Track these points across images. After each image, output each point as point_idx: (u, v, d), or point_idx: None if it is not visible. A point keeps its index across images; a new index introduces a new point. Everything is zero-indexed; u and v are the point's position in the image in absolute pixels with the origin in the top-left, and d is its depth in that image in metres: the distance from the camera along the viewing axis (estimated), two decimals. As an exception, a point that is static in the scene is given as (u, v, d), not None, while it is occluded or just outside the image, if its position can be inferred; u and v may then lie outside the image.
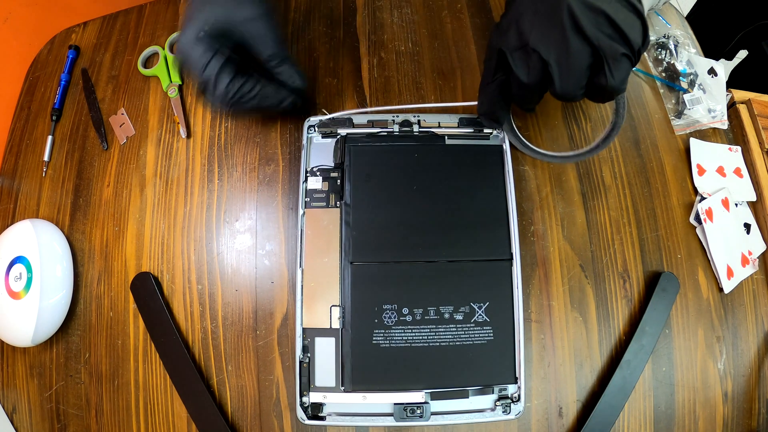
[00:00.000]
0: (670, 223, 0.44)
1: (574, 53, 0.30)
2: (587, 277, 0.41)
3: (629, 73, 0.31)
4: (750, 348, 0.42)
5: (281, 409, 0.38)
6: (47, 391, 0.40)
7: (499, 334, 0.38)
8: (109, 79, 0.49)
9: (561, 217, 0.43)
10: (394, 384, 0.37)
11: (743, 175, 0.46)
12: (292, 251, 0.41)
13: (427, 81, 0.47)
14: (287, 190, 0.43)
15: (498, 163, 0.41)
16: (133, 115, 0.47)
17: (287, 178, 0.43)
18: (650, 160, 0.45)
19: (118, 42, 0.50)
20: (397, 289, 0.38)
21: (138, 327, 0.40)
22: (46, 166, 0.46)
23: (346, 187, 0.41)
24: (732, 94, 0.49)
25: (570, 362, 0.39)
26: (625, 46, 0.30)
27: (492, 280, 0.39)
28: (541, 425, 0.38)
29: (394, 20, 0.49)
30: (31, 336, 0.38)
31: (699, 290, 0.42)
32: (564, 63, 0.30)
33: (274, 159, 0.44)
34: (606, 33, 0.29)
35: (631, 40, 0.30)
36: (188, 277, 0.41)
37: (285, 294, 0.40)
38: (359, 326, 0.37)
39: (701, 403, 0.40)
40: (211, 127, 0.45)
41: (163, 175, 0.44)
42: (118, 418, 0.39)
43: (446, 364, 0.37)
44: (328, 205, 0.40)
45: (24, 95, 0.50)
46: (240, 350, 0.39)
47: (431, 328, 0.37)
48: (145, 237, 0.43)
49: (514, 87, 0.34)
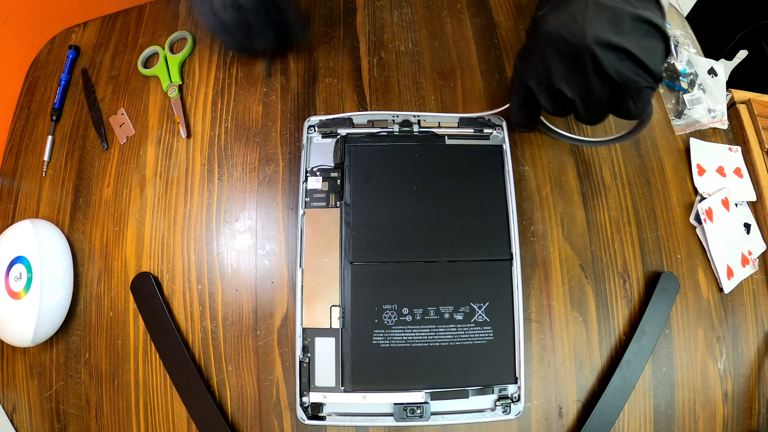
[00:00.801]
0: (670, 223, 0.44)
1: (596, 92, 0.31)
2: (587, 277, 0.41)
3: (652, 98, 0.32)
4: (750, 348, 0.42)
5: (281, 409, 0.38)
6: (47, 391, 0.40)
7: (499, 334, 0.38)
8: (109, 79, 0.49)
9: (561, 217, 0.43)
10: (394, 384, 0.37)
11: (743, 175, 0.46)
12: (292, 251, 0.41)
13: (427, 81, 0.47)
14: (287, 190, 0.43)
15: (498, 163, 0.41)
16: (133, 115, 0.47)
17: (287, 178, 0.43)
18: (650, 160, 0.45)
19: (118, 42, 0.50)
20: (397, 289, 0.38)
21: (138, 327, 0.40)
22: (46, 166, 0.46)
23: (346, 187, 0.41)
24: (732, 94, 0.49)
25: (570, 362, 0.39)
26: (646, 79, 0.30)
27: (492, 280, 0.39)
28: (541, 425, 0.38)
29: (394, 20, 0.49)
30: (31, 336, 0.38)
31: (699, 290, 0.42)
32: (587, 101, 0.32)
33: (274, 159, 0.44)
34: (628, 69, 0.30)
35: (653, 70, 0.30)
36: (188, 277, 0.41)
37: (285, 294, 0.40)
38: (359, 326, 0.37)
39: (701, 403, 0.40)
40: (211, 127, 0.45)
41: (163, 175, 0.44)
42: (118, 418, 0.39)
43: (446, 364, 0.37)
44: (328, 205, 0.40)
45: (24, 95, 0.50)
46: (240, 350, 0.39)
47: (431, 328, 0.37)
48: (145, 237, 0.43)
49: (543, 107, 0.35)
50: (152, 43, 0.49)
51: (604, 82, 0.30)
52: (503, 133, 0.42)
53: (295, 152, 0.44)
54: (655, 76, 0.30)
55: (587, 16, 0.29)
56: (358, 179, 0.41)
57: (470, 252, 0.39)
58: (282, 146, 0.44)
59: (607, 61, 0.29)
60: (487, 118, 0.43)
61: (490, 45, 0.48)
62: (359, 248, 0.39)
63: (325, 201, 0.41)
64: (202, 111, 0.46)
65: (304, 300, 0.38)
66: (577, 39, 0.29)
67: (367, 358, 0.37)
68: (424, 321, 0.37)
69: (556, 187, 0.43)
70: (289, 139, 0.45)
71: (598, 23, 0.29)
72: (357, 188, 0.40)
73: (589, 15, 0.29)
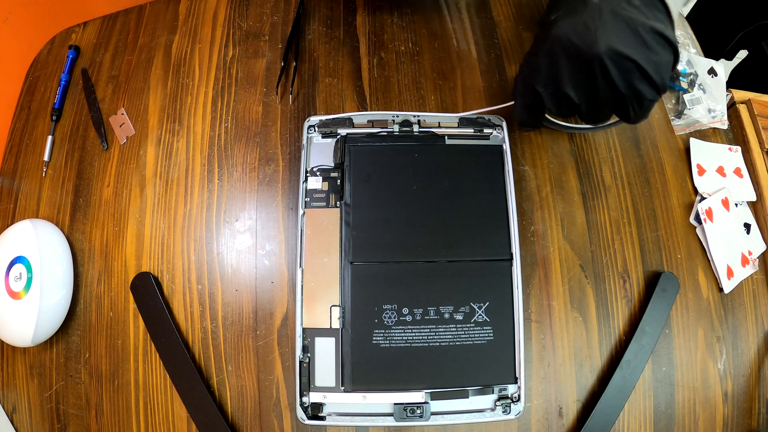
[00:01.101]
0: (670, 223, 0.44)
1: (602, 99, 0.32)
2: (587, 277, 0.41)
3: (653, 107, 0.33)
4: (750, 348, 0.42)
5: (281, 409, 0.38)
6: (47, 391, 0.40)
7: (499, 334, 0.37)
8: (109, 79, 0.49)
9: (561, 217, 0.43)
10: (394, 384, 0.37)
11: (743, 175, 0.46)
12: (292, 251, 0.41)
13: (427, 81, 0.47)
14: (287, 190, 0.43)
15: (498, 162, 0.41)
16: (133, 115, 0.47)
17: (287, 178, 0.43)
18: (650, 160, 0.45)
19: (118, 42, 0.50)
20: (397, 289, 0.38)
21: (138, 327, 0.40)
22: (46, 166, 0.46)
23: (346, 187, 0.41)
24: (732, 94, 0.49)
25: (570, 362, 0.39)
26: (651, 92, 0.31)
27: (492, 280, 0.39)
28: (541, 425, 0.38)
29: (394, 20, 0.49)
30: (31, 336, 0.38)
31: (699, 290, 0.42)
32: (592, 105, 0.33)
33: (274, 159, 0.44)
34: (635, 79, 0.30)
35: (659, 84, 0.31)
36: (188, 277, 0.41)
37: (285, 294, 0.40)
38: (359, 326, 0.37)
39: (701, 403, 0.40)
40: (211, 127, 0.45)
41: (163, 175, 0.44)
42: (118, 418, 0.39)
43: (446, 364, 0.37)
44: (328, 205, 0.40)
45: (24, 95, 0.50)
46: (240, 350, 0.39)
47: (431, 328, 0.37)
48: (145, 237, 0.43)
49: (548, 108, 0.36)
50: (152, 43, 0.49)
51: (610, 90, 0.31)
52: (503, 133, 0.42)
53: (295, 152, 0.44)
54: (660, 89, 0.31)
55: (600, 25, 0.30)
56: (358, 179, 0.41)
57: (470, 252, 0.39)
58: (282, 146, 0.44)
59: (615, 71, 0.30)
60: (487, 118, 0.43)
61: (490, 45, 0.48)
62: (359, 248, 0.39)
63: (325, 201, 0.41)
64: (202, 111, 0.46)
65: (304, 300, 0.38)
66: (588, 47, 0.29)
67: (367, 358, 0.37)
68: (425, 321, 0.37)
69: (556, 187, 0.43)
70: (289, 139, 0.45)
71: (610, 33, 0.29)
72: (357, 188, 0.40)
73: (602, 24, 0.30)
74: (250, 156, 0.44)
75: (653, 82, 0.30)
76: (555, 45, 0.32)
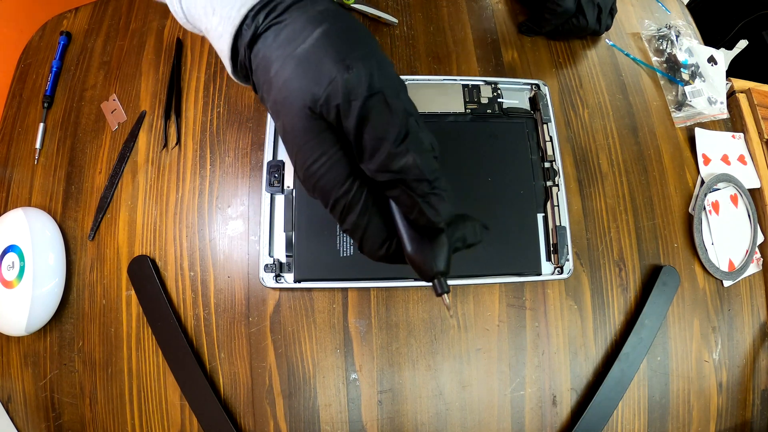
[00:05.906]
0: (667, 211, 0.43)
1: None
2: (582, 265, 0.41)
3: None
4: (745, 339, 0.41)
5: (274, 396, 0.38)
6: (42, 380, 0.40)
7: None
8: (101, 65, 0.48)
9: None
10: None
11: (747, 162, 0.46)
12: (285, 239, 0.41)
13: (422, 65, 0.46)
14: (281, 178, 0.43)
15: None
16: (125, 101, 0.46)
17: (281, 165, 0.43)
18: (648, 147, 0.45)
19: (110, 27, 0.50)
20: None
21: (131, 314, 0.40)
22: (38, 154, 0.46)
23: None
24: (732, 83, 0.48)
25: (564, 350, 0.39)
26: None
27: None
28: (535, 413, 0.38)
29: (388, 3, 0.48)
30: (25, 325, 0.38)
31: (695, 280, 0.42)
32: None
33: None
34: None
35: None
36: (180, 264, 0.41)
37: (278, 282, 0.40)
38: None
39: (696, 393, 0.40)
40: (203, 112, 0.45)
41: (155, 161, 0.44)
42: (112, 406, 0.39)
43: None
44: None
45: (15, 83, 0.50)
46: (233, 337, 0.39)
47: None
48: (137, 224, 0.42)
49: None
50: (144, 28, 0.48)
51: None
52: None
53: (289, 139, 0.43)
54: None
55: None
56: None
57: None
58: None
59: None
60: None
61: (487, 29, 0.48)
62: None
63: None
64: (194, 96, 0.46)
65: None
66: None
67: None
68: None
69: (552, 175, 0.43)
70: (283, 126, 0.44)
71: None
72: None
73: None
74: (242, 141, 0.44)
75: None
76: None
